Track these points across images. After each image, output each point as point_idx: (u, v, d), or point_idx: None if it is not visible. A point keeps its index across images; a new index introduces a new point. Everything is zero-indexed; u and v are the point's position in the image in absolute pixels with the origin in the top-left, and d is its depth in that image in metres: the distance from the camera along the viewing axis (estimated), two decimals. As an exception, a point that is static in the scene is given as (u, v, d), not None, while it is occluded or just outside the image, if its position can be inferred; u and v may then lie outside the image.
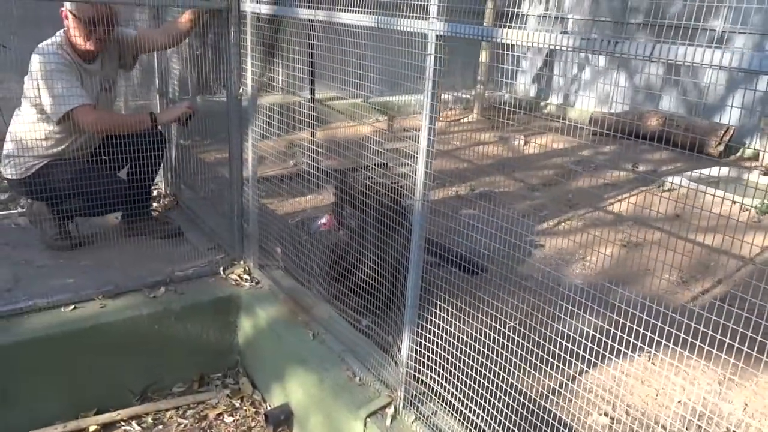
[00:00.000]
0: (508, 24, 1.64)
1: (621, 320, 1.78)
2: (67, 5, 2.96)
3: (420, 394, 2.23)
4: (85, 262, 3.17)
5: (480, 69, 6.84)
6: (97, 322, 2.71)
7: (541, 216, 4.74)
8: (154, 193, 4.03)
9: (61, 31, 3.12)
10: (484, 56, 6.69)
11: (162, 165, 3.79)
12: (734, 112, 5.60)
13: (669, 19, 6.44)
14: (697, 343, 1.56)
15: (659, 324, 1.66)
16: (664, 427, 2.35)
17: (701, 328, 1.54)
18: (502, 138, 6.49)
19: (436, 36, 1.82)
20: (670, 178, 5.19)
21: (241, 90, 2.99)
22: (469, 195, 4.99)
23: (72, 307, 2.79)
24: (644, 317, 1.71)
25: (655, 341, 1.64)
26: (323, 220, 2.99)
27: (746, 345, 1.51)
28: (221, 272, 3.20)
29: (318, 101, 5.37)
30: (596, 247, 4.10)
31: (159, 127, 3.36)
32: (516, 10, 1.73)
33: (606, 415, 2.44)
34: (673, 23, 1.52)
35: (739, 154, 5.99)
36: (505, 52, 1.95)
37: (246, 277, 3.15)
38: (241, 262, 3.26)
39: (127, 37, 3.30)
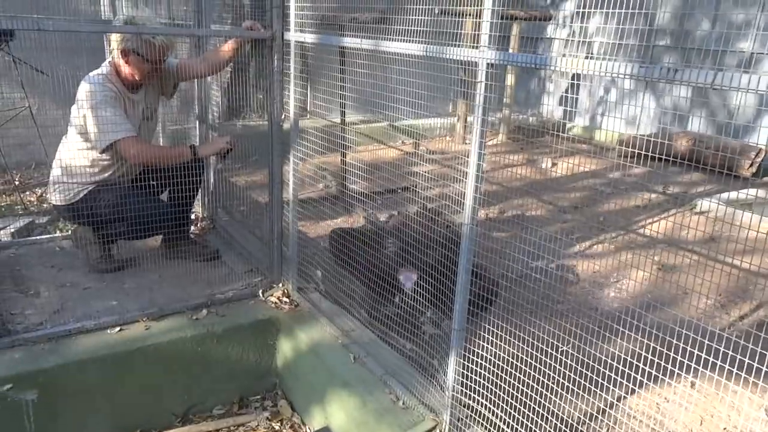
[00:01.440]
0: (565, 53, 1.68)
1: (658, 347, 1.77)
2: (130, 45, 3.05)
3: (465, 417, 2.22)
4: (128, 285, 3.24)
5: (506, 92, 6.89)
6: (143, 344, 2.76)
7: (573, 239, 4.73)
8: (192, 216, 4.11)
9: (107, 61, 3.23)
10: (510, 80, 6.74)
11: (200, 189, 3.87)
12: (766, 132, 5.56)
13: (693, 42, 6.45)
14: (740, 372, 1.55)
15: (696, 351, 1.64)
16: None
17: (739, 357, 1.53)
18: (530, 160, 6.50)
19: (487, 64, 1.86)
20: (702, 200, 5.14)
21: (283, 115, 3.06)
22: (500, 218, 5.00)
23: (118, 329, 2.84)
24: (681, 344, 1.70)
25: (694, 368, 1.63)
26: (414, 277, 2.86)
27: None
28: (260, 295, 3.24)
29: (348, 125, 5.46)
30: (630, 270, 4.07)
31: None
32: (539, 36, 1.76)
33: (650, 441, 2.41)
34: (701, 48, 1.54)
35: (772, 175, 5.92)
36: (532, 75, 1.98)
37: (285, 299, 3.19)
38: (280, 285, 3.30)
39: (170, 67, 3.40)
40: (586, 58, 1.61)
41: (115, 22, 3.42)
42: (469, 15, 6.77)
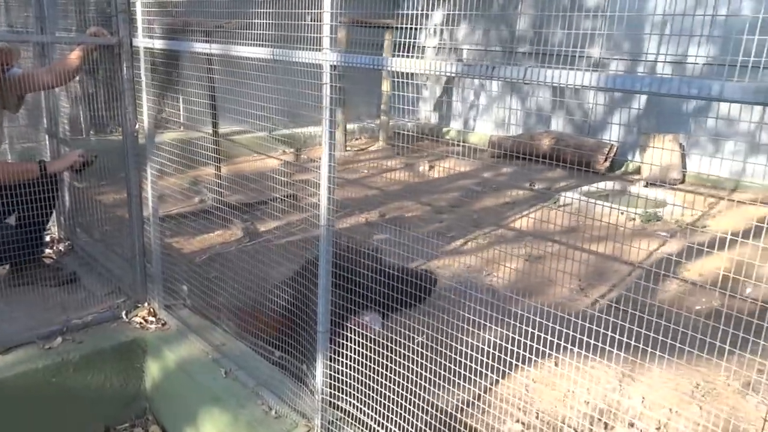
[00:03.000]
0: (398, 53, 1.73)
1: (527, 329, 1.88)
2: None
3: (338, 420, 2.22)
4: (-32, 318, 2.93)
5: (382, 98, 7.03)
6: (-15, 381, 2.50)
7: (449, 237, 4.91)
8: (47, 238, 3.79)
9: None
10: (385, 86, 6.89)
11: (55, 208, 3.58)
12: (616, 129, 6.10)
13: (552, 47, 6.95)
14: (598, 344, 1.68)
15: (563, 330, 1.77)
16: (571, 427, 2.48)
17: (601, 330, 1.66)
18: (408, 164, 6.67)
19: (331, 66, 1.88)
20: (564, 194, 5.55)
21: (137, 126, 2.91)
22: (379, 221, 5.08)
23: (-45, 367, 2.56)
24: (550, 324, 1.81)
25: (561, 346, 1.75)
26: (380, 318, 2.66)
27: (641, 342, 1.64)
28: (124, 316, 3.04)
29: (222, 136, 5.31)
30: (501, 262, 4.28)
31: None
32: (412, 40, 1.82)
33: (518, 421, 2.54)
34: (555, 50, 1.66)
35: (623, 168, 6.50)
36: (406, 80, 2.03)
37: (151, 319, 3.03)
38: (146, 304, 3.12)
39: (12, 77, 3.13)
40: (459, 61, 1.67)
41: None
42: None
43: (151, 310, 3.09)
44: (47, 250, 3.70)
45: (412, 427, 2.01)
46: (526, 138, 6.61)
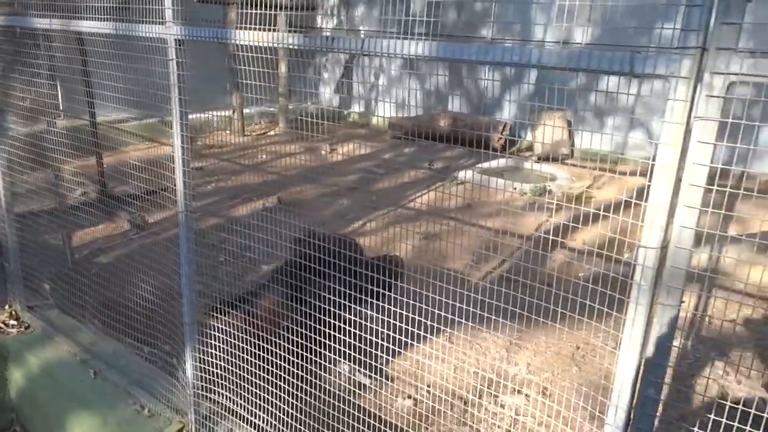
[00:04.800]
0: (241, 26, 1.64)
1: (421, 305, 1.87)
2: None
3: (213, 414, 2.13)
4: None
5: (280, 81, 6.85)
6: None
7: (348, 219, 4.88)
8: None
9: None
10: (283, 67, 6.72)
11: None
12: (511, 108, 6.28)
13: (444, 29, 7.04)
14: (485, 315, 1.69)
15: (455, 304, 1.76)
16: (461, 398, 2.52)
17: (491, 302, 1.67)
18: (309, 148, 6.57)
19: (176, 40, 1.76)
20: (461, 172, 5.65)
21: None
22: (277, 206, 4.97)
23: None
24: (443, 299, 1.80)
25: (453, 321, 1.74)
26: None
27: (526, 310, 1.67)
28: (-19, 322, 2.79)
29: (108, 124, 4.98)
30: (398, 241, 4.30)
31: None
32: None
33: (409, 397, 2.55)
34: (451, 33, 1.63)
35: (517, 145, 6.72)
36: (302, 59, 1.93)
37: (12, 322, 2.78)
38: (6, 307, 2.87)
39: None
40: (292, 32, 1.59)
41: None
42: (234, 3, 6.60)
43: (13, 312, 2.85)
44: None
45: (289, 417, 1.95)
46: (426, 119, 6.68)
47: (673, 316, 1.11)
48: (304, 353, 1.93)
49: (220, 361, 2.04)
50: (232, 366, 2.02)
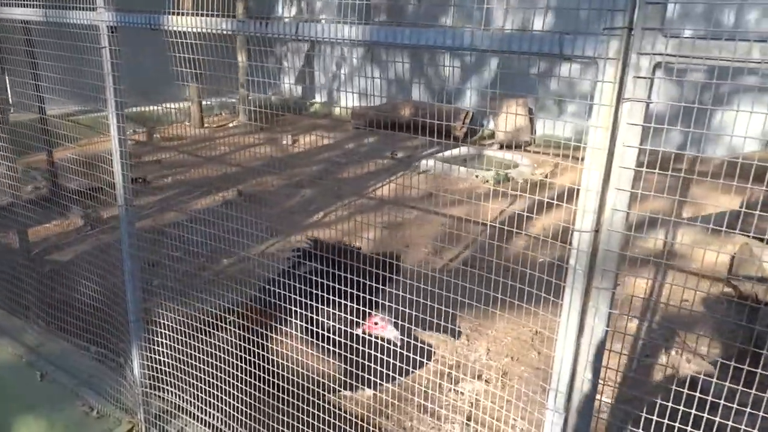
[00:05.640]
0: (175, 11, 1.58)
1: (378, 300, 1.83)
2: None
3: (163, 413, 2.08)
4: None
5: (240, 71, 6.72)
6: None
7: (311, 210, 4.84)
8: None
9: None
10: (241, 56, 6.59)
11: None
12: (473, 97, 6.29)
13: (406, 18, 7.00)
14: (444, 308, 1.68)
15: (414, 298, 1.74)
16: (421, 386, 2.52)
17: (450, 294, 1.66)
18: (270, 139, 6.47)
19: (108, 27, 1.69)
20: (423, 161, 5.65)
21: None
22: (237, 199, 4.89)
23: None
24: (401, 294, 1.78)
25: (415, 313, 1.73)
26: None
27: (484, 298, 1.66)
28: None
29: (62, 117, 4.82)
30: (361, 232, 4.27)
31: None
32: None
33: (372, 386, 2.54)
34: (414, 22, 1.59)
35: (479, 133, 6.74)
36: (261, 47, 1.87)
37: (-47, 325, 2.68)
38: (-53, 309, 2.76)
39: None
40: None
41: None
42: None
43: (-46, 314, 2.73)
44: None
45: (239, 413, 1.91)
46: (388, 108, 6.64)
47: (608, 299, 1.11)
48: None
49: (168, 358, 1.99)
50: (180, 363, 1.97)
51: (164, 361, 1.99)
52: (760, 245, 3.60)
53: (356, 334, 1.88)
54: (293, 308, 1.75)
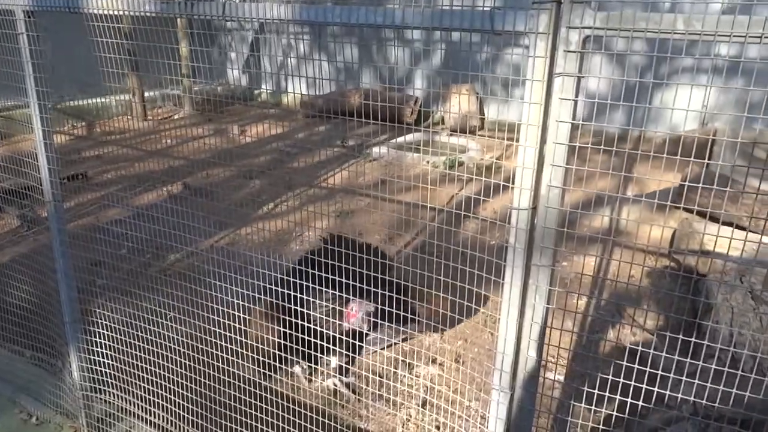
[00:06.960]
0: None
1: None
2: None
3: (106, 416, 2.00)
4: None
5: (182, 61, 6.52)
6: None
7: (261, 201, 4.74)
8: None
9: None
10: (183, 45, 6.39)
11: None
12: (420, 82, 6.27)
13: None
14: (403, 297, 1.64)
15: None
16: (374, 372, 2.51)
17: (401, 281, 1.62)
18: (217, 130, 6.32)
19: (24, 12, 1.59)
20: (374, 149, 5.62)
21: None
22: (183, 193, 4.75)
23: None
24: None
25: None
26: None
27: (436, 282, 1.63)
28: None
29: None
30: (312, 222, 4.22)
31: None
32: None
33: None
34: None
35: (429, 119, 6.75)
36: (202, 31, 1.77)
37: None
38: None
39: None
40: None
41: None
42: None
43: None
44: None
45: (186, 412, 1.85)
46: (337, 96, 6.57)
47: (548, 276, 1.11)
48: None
49: (110, 360, 1.91)
50: (122, 364, 1.89)
51: (105, 363, 1.90)
52: (699, 220, 3.73)
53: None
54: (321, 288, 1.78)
